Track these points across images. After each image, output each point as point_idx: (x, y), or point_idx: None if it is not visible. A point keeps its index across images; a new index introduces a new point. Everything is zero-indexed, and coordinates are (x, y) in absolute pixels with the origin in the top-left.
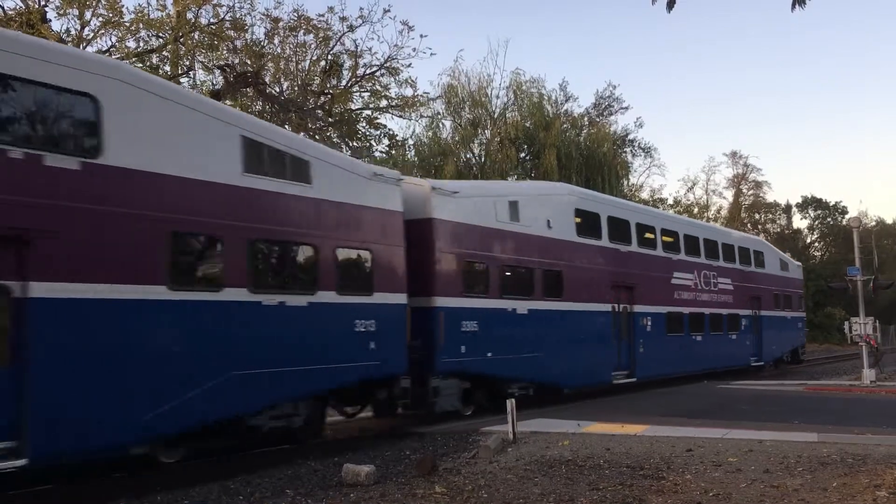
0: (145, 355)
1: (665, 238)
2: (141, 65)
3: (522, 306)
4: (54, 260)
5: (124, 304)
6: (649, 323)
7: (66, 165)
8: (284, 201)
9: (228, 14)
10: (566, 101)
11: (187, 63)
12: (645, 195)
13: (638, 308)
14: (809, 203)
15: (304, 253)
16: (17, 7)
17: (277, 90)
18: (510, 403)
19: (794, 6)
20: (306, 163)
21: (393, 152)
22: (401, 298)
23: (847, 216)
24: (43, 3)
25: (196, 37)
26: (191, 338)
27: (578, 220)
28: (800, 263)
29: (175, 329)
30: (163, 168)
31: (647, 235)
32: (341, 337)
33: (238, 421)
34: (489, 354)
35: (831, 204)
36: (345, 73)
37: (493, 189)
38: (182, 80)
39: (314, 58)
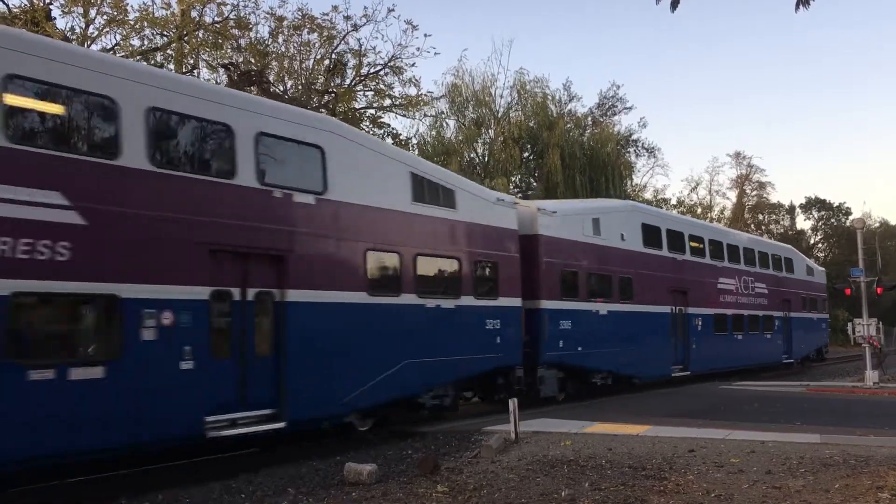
0: (354, 346)
1: (711, 247)
2: (145, 63)
3: (603, 308)
4: (299, 273)
5: (342, 307)
6: (700, 323)
7: (306, 201)
8: (439, 223)
9: (233, 13)
10: (570, 100)
11: (191, 61)
12: (648, 195)
13: (691, 310)
14: (813, 204)
15: (451, 265)
16: (23, 5)
17: (281, 89)
18: (512, 403)
19: (797, 7)
20: (452, 191)
21: None
22: (518, 302)
23: (851, 217)
24: (48, 1)
25: (200, 35)
26: (381, 333)
27: (644, 233)
28: (823, 269)
29: (371, 326)
30: (363, 200)
31: (697, 245)
32: (478, 334)
33: (410, 399)
34: (579, 349)
35: (835, 205)
36: (349, 72)
37: (580, 207)
38: None
39: (318, 57)
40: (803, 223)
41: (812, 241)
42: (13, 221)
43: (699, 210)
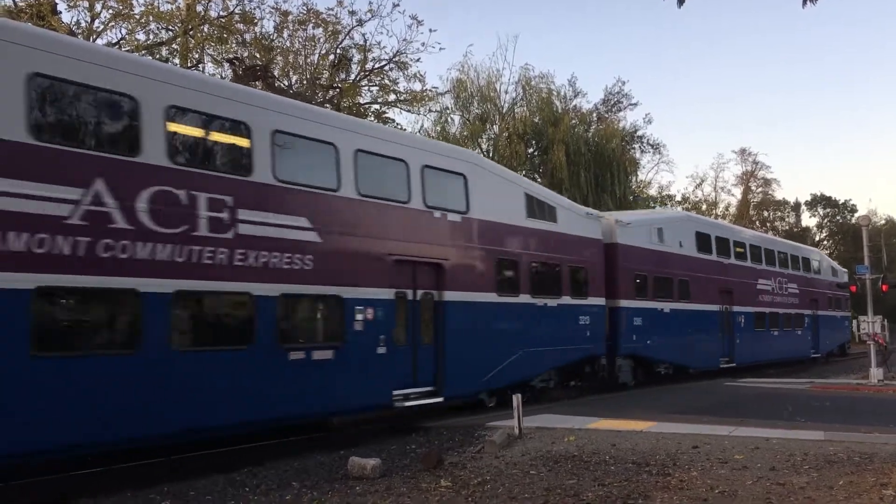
0: (488, 337)
1: (752, 251)
2: (150, 57)
3: (667, 306)
4: (451, 277)
5: (481, 305)
6: (743, 320)
7: (455, 219)
8: (545, 235)
9: (238, 7)
10: (575, 96)
11: (196, 56)
12: (653, 192)
13: (735, 308)
14: (818, 201)
15: (554, 270)
16: None
17: (286, 83)
18: (516, 399)
19: (805, 2)
20: (554, 208)
21: None
22: (602, 301)
23: (856, 214)
24: None
25: (205, 30)
26: (505, 326)
27: (697, 240)
28: (846, 270)
29: (499, 321)
30: (494, 217)
31: (740, 250)
32: (574, 328)
33: (524, 381)
34: (648, 342)
35: (840, 202)
36: (353, 67)
37: (647, 219)
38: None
39: (323, 52)
40: (808, 220)
41: (817, 239)
42: (288, 242)
43: (704, 207)
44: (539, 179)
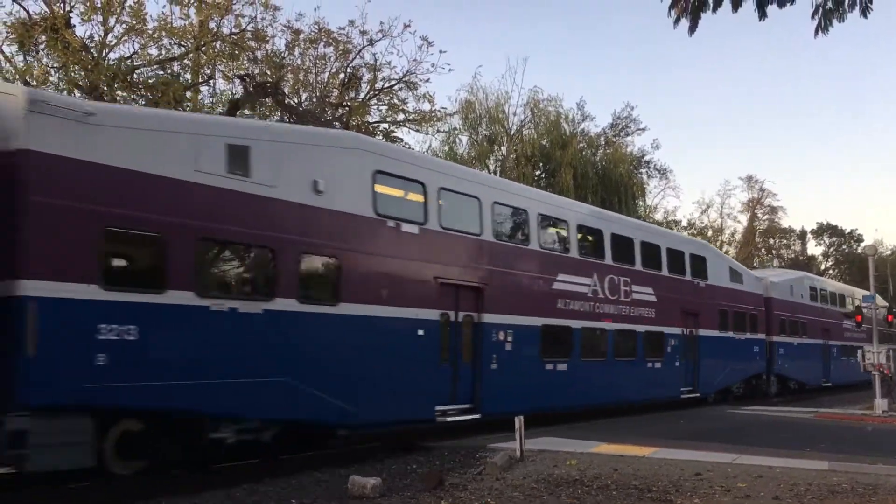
0: (718, 358)
1: (831, 298)
2: (161, 72)
3: (796, 341)
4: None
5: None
6: (835, 352)
7: (702, 285)
8: (740, 292)
9: (250, 25)
10: (583, 120)
11: (208, 72)
12: (659, 216)
13: (831, 342)
14: (825, 230)
15: (742, 314)
16: (43, 12)
17: (296, 101)
18: (518, 421)
19: (816, 32)
20: (741, 273)
21: None
22: (763, 336)
23: (863, 244)
24: (68, 8)
25: (217, 46)
26: (728, 350)
27: (811, 292)
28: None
29: (721, 347)
30: (716, 283)
31: (833, 300)
32: (752, 352)
33: (728, 388)
34: (786, 365)
35: (847, 231)
36: (363, 86)
37: (785, 278)
38: (202, 88)
39: (333, 70)
40: (814, 249)
41: (823, 267)
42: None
43: (710, 233)
44: None
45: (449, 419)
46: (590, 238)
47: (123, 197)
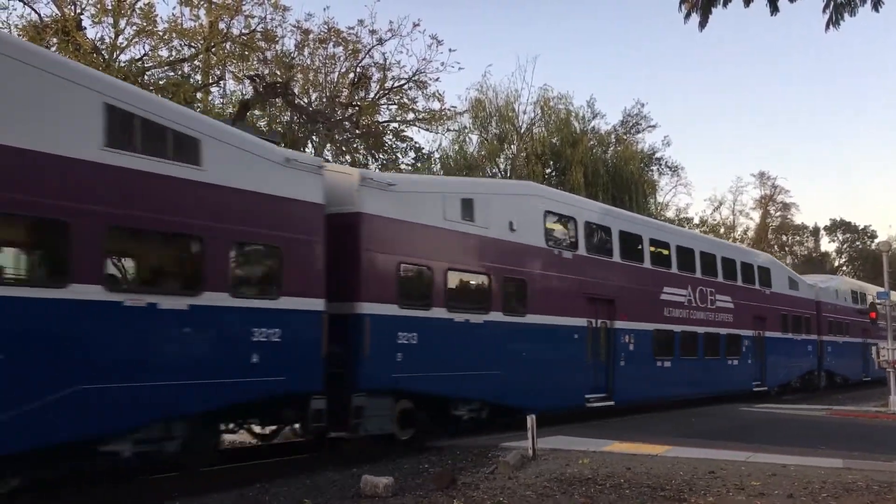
0: (781, 356)
1: (861, 297)
2: (172, 74)
3: (841, 340)
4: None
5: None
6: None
7: (796, 294)
8: (795, 298)
9: (260, 25)
10: (593, 117)
11: (218, 72)
12: (671, 214)
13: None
14: (838, 226)
15: (798, 316)
16: (54, 14)
17: (306, 101)
18: (530, 419)
19: (827, 27)
20: (797, 282)
21: (419, 165)
22: (815, 336)
23: (876, 240)
24: (79, 11)
25: (227, 47)
26: (792, 351)
27: (851, 293)
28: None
29: (790, 348)
30: (781, 291)
31: (864, 297)
32: (806, 351)
33: (787, 383)
34: (833, 362)
35: (860, 227)
36: (373, 85)
37: (832, 281)
38: (213, 89)
39: (343, 70)
40: (828, 245)
41: (836, 264)
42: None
43: (722, 230)
44: None
45: (593, 405)
46: (685, 256)
47: (407, 244)
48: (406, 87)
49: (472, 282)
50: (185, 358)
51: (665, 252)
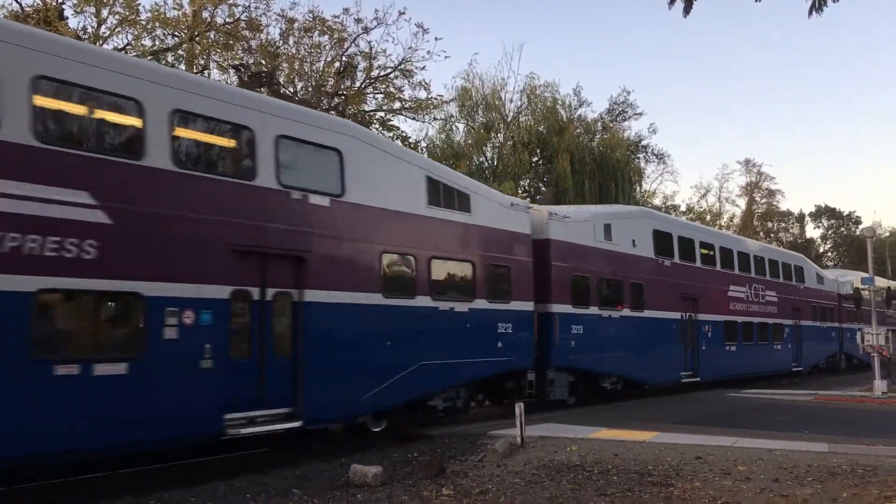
0: (814, 340)
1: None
2: (157, 63)
3: (857, 327)
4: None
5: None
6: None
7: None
8: (819, 292)
9: (244, 14)
10: (580, 105)
11: (202, 62)
12: (657, 201)
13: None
14: (823, 212)
15: (825, 307)
16: (35, 4)
17: (291, 90)
18: (518, 408)
19: (811, 12)
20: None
21: None
22: (837, 324)
23: (861, 226)
24: (61, 0)
25: (211, 36)
26: (818, 335)
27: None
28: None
29: (815, 333)
30: (814, 287)
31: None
32: (831, 337)
33: (816, 365)
34: (852, 347)
35: (845, 214)
36: (359, 74)
37: (849, 275)
38: None
39: (328, 59)
40: (813, 231)
41: (821, 250)
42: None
43: (708, 217)
44: (544, 188)
45: (685, 381)
46: (743, 259)
47: (575, 260)
48: (392, 75)
49: (611, 286)
50: (467, 343)
51: (729, 255)
